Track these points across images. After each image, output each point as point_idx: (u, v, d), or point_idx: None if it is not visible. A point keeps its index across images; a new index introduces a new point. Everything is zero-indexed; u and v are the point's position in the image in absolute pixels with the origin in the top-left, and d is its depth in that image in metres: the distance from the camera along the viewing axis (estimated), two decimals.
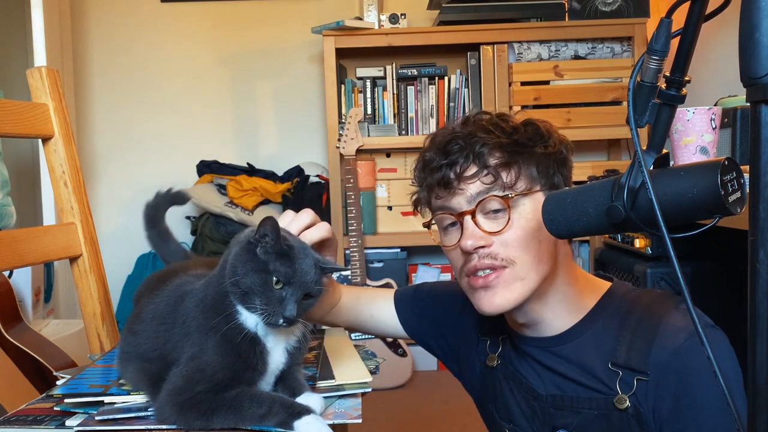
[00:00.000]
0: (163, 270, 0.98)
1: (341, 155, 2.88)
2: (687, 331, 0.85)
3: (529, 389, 0.97)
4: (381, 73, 3.05)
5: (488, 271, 0.90)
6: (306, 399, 0.78)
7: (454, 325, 1.14)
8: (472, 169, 0.90)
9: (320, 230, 0.91)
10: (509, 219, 0.89)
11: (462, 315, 1.12)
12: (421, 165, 0.97)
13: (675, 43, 0.63)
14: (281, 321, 0.74)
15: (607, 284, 0.98)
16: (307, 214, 0.92)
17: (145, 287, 0.95)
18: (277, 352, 0.79)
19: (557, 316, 0.94)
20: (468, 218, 0.90)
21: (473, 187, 0.90)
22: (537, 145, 0.91)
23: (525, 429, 0.98)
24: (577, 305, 0.95)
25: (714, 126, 1.36)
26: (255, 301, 0.74)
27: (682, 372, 0.84)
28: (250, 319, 0.76)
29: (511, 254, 0.89)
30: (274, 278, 0.74)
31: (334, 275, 1.07)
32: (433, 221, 0.98)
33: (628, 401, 0.86)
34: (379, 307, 1.21)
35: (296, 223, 0.90)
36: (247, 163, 3.18)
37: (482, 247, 0.89)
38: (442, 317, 1.16)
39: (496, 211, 0.89)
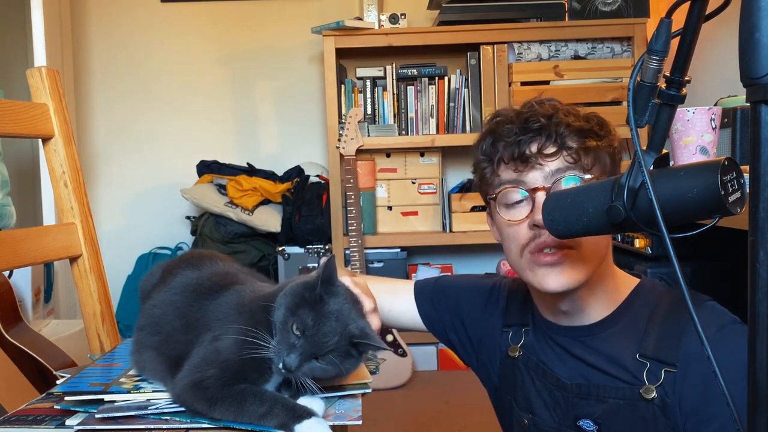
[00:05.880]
0: (187, 254, 1.00)
1: (341, 155, 2.88)
2: (717, 324, 0.87)
3: (553, 379, 0.98)
4: (381, 73, 3.04)
5: (554, 249, 0.91)
6: (307, 401, 0.78)
7: (477, 317, 1.14)
8: (552, 148, 0.91)
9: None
10: None
11: (486, 307, 1.13)
12: (492, 139, 0.96)
13: (675, 43, 0.63)
14: (280, 365, 0.74)
15: (636, 280, 1.00)
16: (369, 303, 0.90)
17: (168, 268, 0.95)
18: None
19: (597, 306, 0.96)
20: (542, 194, 0.90)
21: (553, 164, 0.91)
22: (607, 136, 0.94)
23: (545, 419, 0.99)
24: (614, 297, 0.97)
25: (714, 126, 1.36)
26: (276, 336, 0.76)
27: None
28: None
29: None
30: (294, 323, 0.75)
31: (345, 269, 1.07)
32: (495, 197, 0.96)
33: (654, 392, 0.87)
34: (398, 299, 1.20)
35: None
36: (247, 163, 3.17)
37: None
38: (464, 310, 1.16)
39: None
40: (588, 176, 0.90)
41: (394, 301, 1.19)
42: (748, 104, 0.49)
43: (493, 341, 1.10)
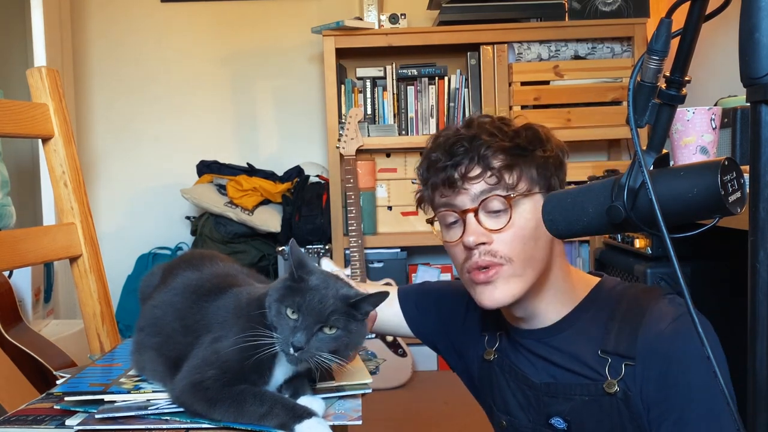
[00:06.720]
0: (187, 254, 1.01)
1: (341, 155, 2.88)
2: (671, 316, 0.90)
3: (524, 379, 1.01)
4: (381, 73, 3.04)
5: (486, 268, 0.93)
6: (307, 401, 0.78)
7: (459, 322, 1.16)
8: (476, 170, 0.93)
9: None
10: (510, 218, 0.92)
11: (466, 312, 1.15)
12: (426, 165, 0.99)
13: (675, 43, 0.63)
14: (291, 350, 0.74)
15: (596, 279, 1.03)
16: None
17: (169, 268, 0.95)
18: (280, 370, 0.80)
19: (551, 309, 0.99)
20: (470, 216, 0.93)
21: (477, 187, 0.93)
22: (537, 149, 0.95)
23: (521, 419, 1.02)
24: (570, 298, 0.99)
25: (714, 126, 1.36)
26: (277, 331, 0.76)
27: (666, 355, 0.88)
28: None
29: (509, 252, 0.93)
30: (287, 308, 0.76)
31: (347, 270, 1.09)
32: (436, 218, 1.01)
33: (617, 386, 0.90)
34: (383, 306, 1.21)
35: None
36: (247, 163, 3.17)
37: (483, 243, 0.93)
38: (446, 315, 1.18)
39: (497, 211, 0.93)
40: (513, 193, 0.93)
41: (380, 308, 1.21)
42: (748, 104, 0.49)
43: (474, 345, 1.13)
